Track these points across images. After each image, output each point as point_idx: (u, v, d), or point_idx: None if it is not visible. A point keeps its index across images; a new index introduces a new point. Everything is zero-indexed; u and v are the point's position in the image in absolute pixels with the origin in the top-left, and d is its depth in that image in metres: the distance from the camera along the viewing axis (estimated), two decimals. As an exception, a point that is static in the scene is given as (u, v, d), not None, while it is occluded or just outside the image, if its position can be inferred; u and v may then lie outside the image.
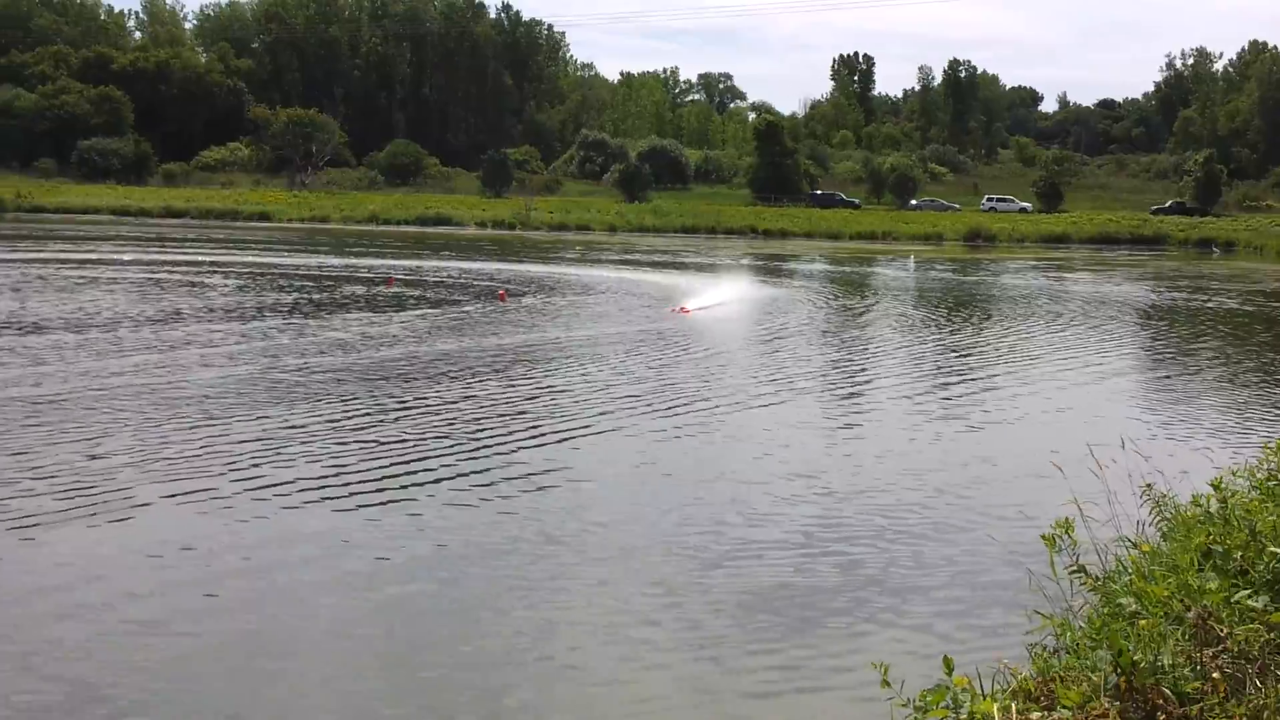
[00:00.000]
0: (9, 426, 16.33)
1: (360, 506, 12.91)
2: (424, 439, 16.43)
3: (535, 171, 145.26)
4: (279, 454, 15.19)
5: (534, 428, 17.53)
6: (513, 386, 21.22)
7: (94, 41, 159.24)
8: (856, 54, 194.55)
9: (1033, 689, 6.05)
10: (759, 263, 64.89)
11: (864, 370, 24.72)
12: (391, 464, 14.88)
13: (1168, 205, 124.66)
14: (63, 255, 52.72)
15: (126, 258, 52.38)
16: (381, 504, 13.07)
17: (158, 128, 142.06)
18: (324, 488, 13.61)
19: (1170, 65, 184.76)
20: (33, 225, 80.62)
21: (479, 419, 18.03)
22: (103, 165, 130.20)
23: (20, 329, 26.73)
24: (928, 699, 5.65)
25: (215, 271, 46.15)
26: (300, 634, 9.45)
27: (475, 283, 44.84)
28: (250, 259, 54.54)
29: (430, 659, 8.98)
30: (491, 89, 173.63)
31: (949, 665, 5.78)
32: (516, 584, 10.60)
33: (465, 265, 55.26)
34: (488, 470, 14.73)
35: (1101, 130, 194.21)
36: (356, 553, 11.32)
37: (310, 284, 41.62)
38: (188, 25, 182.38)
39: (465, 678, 8.69)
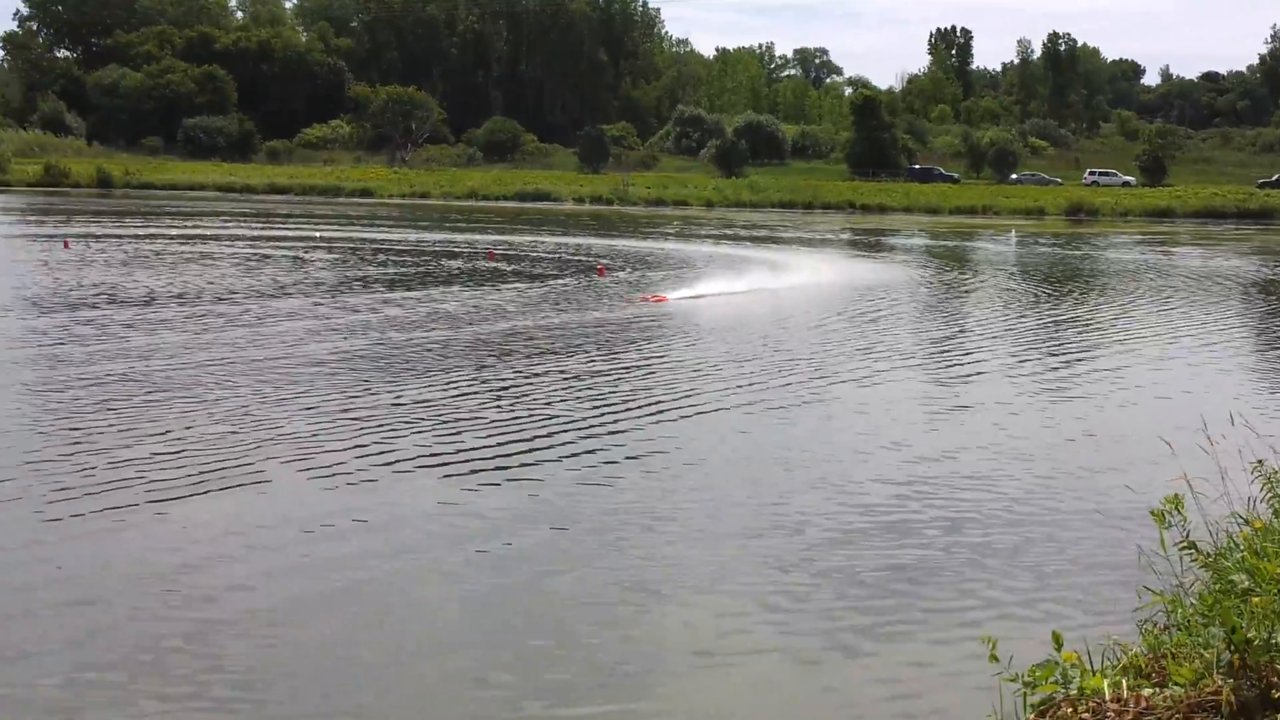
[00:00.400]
0: (131, 400, 16.76)
1: (476, 484, 13.05)
2: (534, 414, 16.62)
3: (632, 147, 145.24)
4: (394, 428, 15.45)
5: (644, 403, 17.66)
6: (618, 360, 21.37)
7: (196, 21, 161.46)
8: (954, 27, 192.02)
9: (1143, 665, 6.07)
10: (857, 237, 64.51)
11: (969, 346, 24.56)
12: (502, 439, 15.06)
13: (1275, 179, 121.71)
14: (171, 230, 53.76)
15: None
16: (494, 481, 13.20)
17: (260, 106, 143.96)
18: (440, 463, 13.80)
19: (1276, 36, 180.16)
20: (141, 201, 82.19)
21: (587, 393, 18.20)
22: (208, 143, 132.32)
23: (133, 303, 27.34)
24: (1037, 674, 5.69)
25: (319, 247, 46.79)
26: (417, 608, 9.62)
27: (574, 258, 45.05)
28: (353, 234, 55.23)
29: (544, 634, 9.09)
30: (588, 66, 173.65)
31: (1058, 641, 5.81)
32: (627, 561, 10.70)
33: (563, 240, 55.49)
34: (598, 446, 14.86)
35: (1205, 103, 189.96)
36: (471, 528, 11.47)
37: (412, 259, 42.08)
38: (288, 4, 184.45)
39: (578, 654, 8.80)
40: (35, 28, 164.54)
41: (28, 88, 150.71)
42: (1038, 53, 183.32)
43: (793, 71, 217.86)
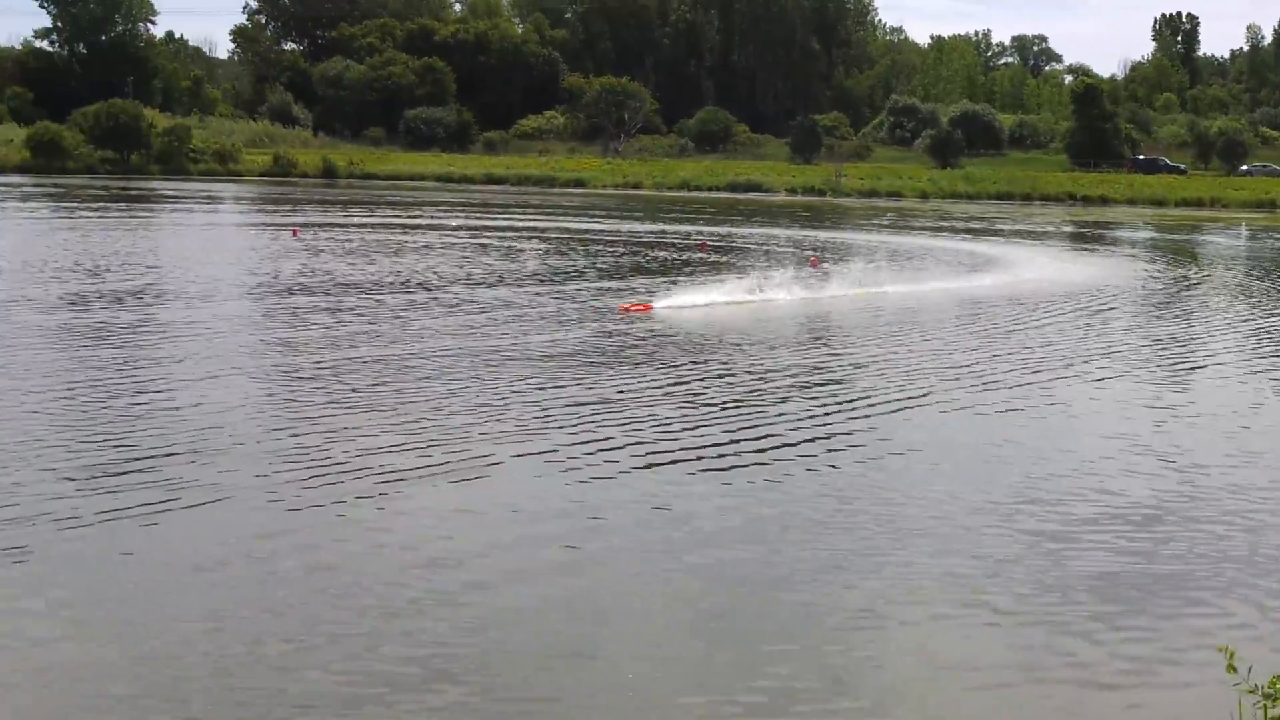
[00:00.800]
0: (357, 385, 17.33)
1: (688, 473, 13.16)
2: (750, 405, 16.66)
3: (844, 138, 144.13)
4: (611, 416, 15.65)
5: (858, 397, 17.54)
6: (834, 353, 21.30)
7: (417, 14, 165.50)
8: (1179, 13, 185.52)
9: (1394, 679, 5.85)
10: (1079, 230, 63.00)
11: (1200, 343, 23.81)
12: (718, 429, 15.14)
13: None
14: (392, 220, 55.26)
15: (454, 223, 54.57)
16: (707, 470, 13.29)
17: (478, 97, 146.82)
18: (655, 452, 13.93)
19: None
20: (364, 191, 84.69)
21: (802, 385, 18.17)
22: (427, 134, 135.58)
23: (360, 291, 28.19)
24: (1278, 686, 5.55)
25: (534, 236, 47.58)
26: (626, 598, 9.70)
27: (786, 249, 44.96)
28: (566, 224, 55.99)
29: (769, 639, 9.04)
30: (800, 55, 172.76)
31: (1303, 652, 5.64)
32: (842, 556, 10.64)
33: (775, 231, 55.41)
34: (814, 439, 14.79)
35: None
36: (684, 518, 11.54)
37: (625, 249, 42.50)
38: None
39: (787, 647, 8.78)
40: (264, 21, 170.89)
41: (257, 80, 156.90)
42: (1268, 39, 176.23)
43: (1010, 59, 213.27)
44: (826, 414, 16.34)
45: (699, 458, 13.82)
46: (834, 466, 13.66)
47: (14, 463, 12.72)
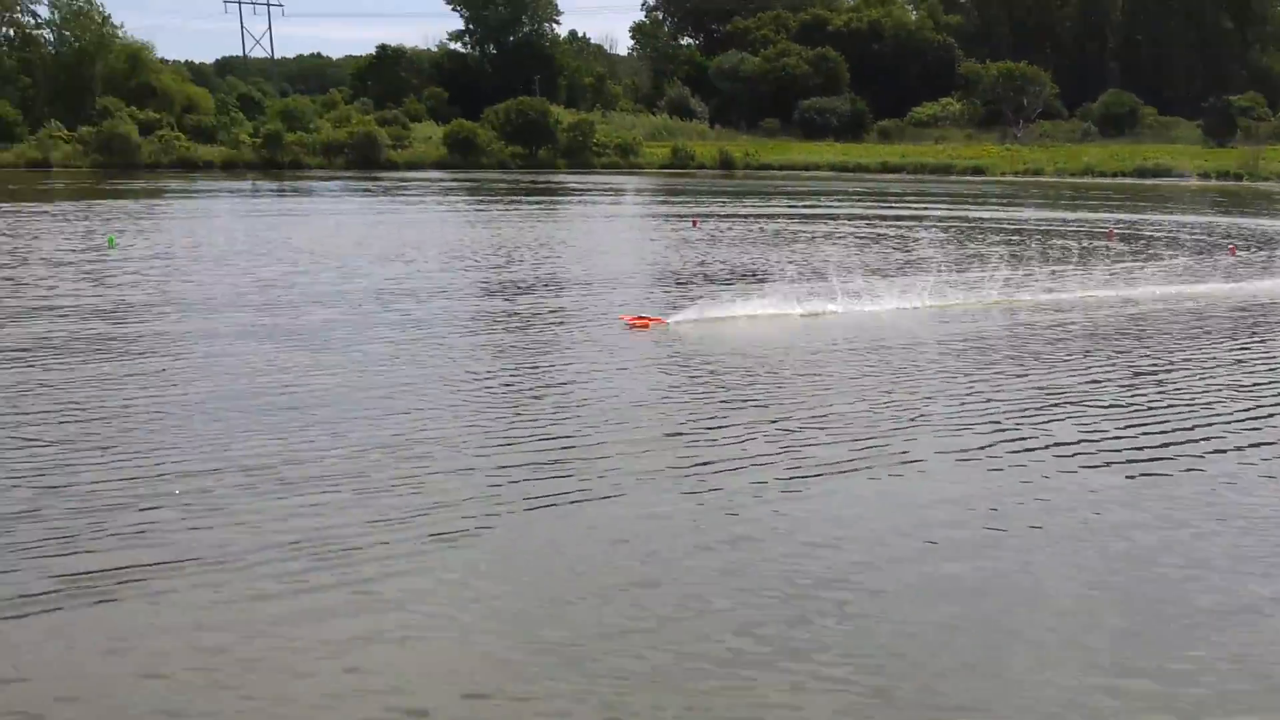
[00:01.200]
0: (766, 376, 17.37)
1: (1118, 476, 12.56)
2: (1180, 403, 15.81)
3: (1262, 119, 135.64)
4: (1038, 413, 15.16)
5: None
6: (1267, 349, 20.02)
7: (809, 4, 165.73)
8: None
9: None
10: None
11: None
12: (1146, 430, 14.39)
13: None
14: (789, 210, 55.49)
15: (846, 212, 54.32)
16: (1135, 475, 12.64)
17: (871, 86, 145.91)
18: (1080, 453, 13.36)
19: None
20: (760, 181, 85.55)
21: (1238, 385, 17.11)
22: (821, 123, 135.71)
23: (755, 279, 28.22)
24: None
25: (933, 225, 46.84)
26: (1048, 606, 9.30)
27: (1199, 238, 42.66)
28: (965, 213, 54.88)
29: (1176, 643, 8.59)
30: (1211, 33, 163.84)
31: None
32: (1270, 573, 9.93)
33: (1186, 219, 52.73)
34: (1256, 445, 13.86)
35: None
36: (1108, 526, 10.98)
37: (1026, 238, 41.29)
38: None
39: (1213, 665, 8.26)
40: (661, 17, 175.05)
41: (655, 75, 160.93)
42: None
43: None
44: (1269, 415, 15.24)
45: (1130, 460, 13.15)
46: (1259, 465, 12.78)
47: (440, 451, 13.16)
